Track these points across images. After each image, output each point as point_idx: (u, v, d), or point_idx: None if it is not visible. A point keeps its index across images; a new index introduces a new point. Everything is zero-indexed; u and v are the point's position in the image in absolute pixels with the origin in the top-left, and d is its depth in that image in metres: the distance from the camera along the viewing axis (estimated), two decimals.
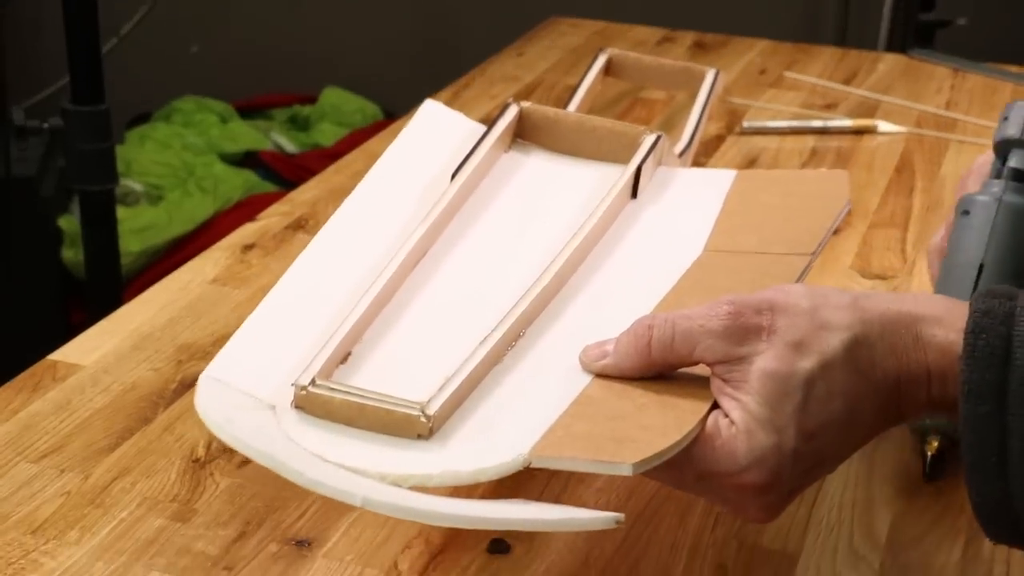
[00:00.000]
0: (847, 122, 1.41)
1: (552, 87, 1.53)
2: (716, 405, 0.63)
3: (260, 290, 1.03)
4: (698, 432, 0.62)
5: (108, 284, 1.85)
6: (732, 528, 0.78)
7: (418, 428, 0.62)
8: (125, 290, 1.96)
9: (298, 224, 1.15)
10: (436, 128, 0.88)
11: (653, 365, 0.65)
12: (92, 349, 0.94)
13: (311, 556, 0.74)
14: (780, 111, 1.46)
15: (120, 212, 2.03)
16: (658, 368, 0.65)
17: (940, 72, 1.62)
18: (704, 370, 0.64)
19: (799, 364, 0.61)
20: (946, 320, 0.62)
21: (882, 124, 1.41)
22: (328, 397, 0.63)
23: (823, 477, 0.65)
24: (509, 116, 0.86)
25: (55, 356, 0.93)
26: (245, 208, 2.34)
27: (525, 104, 0.88)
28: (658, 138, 0.85)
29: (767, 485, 0.62)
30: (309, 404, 0.64)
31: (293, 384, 0.64)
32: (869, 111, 1.48)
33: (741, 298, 0.63)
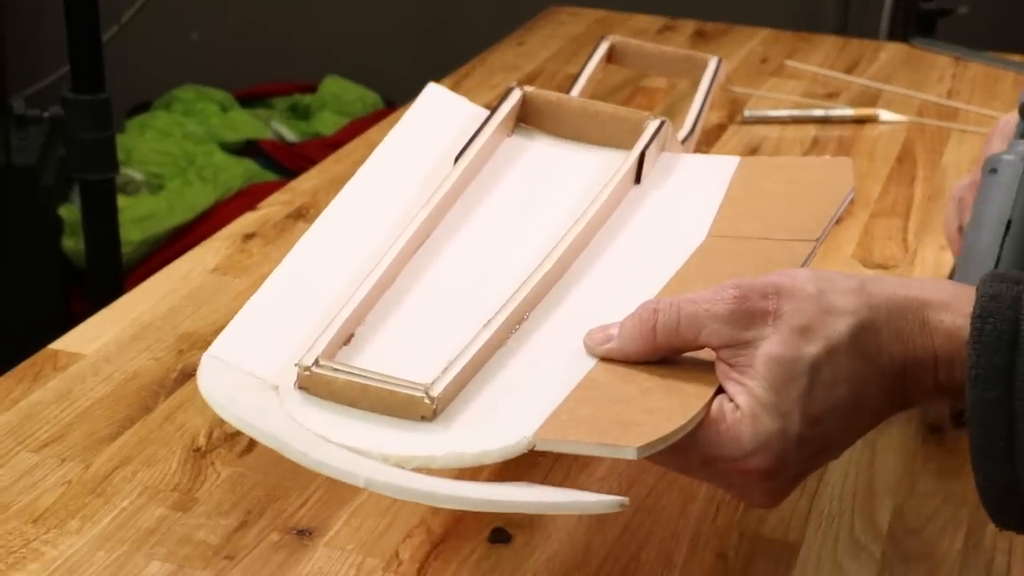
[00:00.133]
0: (848, 111, 1.40)
1: (553, 76, 1.53)
2: (721, 389, 0.63)
3: (261, 279, 1.02)
4: (703, 416, 0.62)
5: (109, 273, 1.85)
6: (734, 517, 0.78)
7: (422, 409, 0.62)
8: (126, 279, 1.95)
9: (299, 213, 1.15)
10: (439, 112, 0.88)
11: (658, 349, 0.64)
12: (93, 338, 0.93)
13: (312, 545, 0.74)
14: (781, 100, 1.46)
15: (121, 201, 2.03)
16: (663, 352, 0.65)
17: (941, 61, 1.62)
18: (709, 354, 0.64)
19: (805, 349, 0.61)
20: (953, 305, 0.62)
21: (883, 113, 1.40)
22: (331, 378, 0.63)
23: (828, 463, 0.65)
24: (512, 100, 0.86)
25: (56, 345, 0.92)
26: (246, 197, 2.34)
27: (528, 88, 0.87)
28: (662, 123, 0.84)
29: (772, 470, 0.61)
30: (312, 384, 0.64)
31: (296, 364, 0.64)
32: (870, 100, 1.47)
33: (747, 282, 0.63)
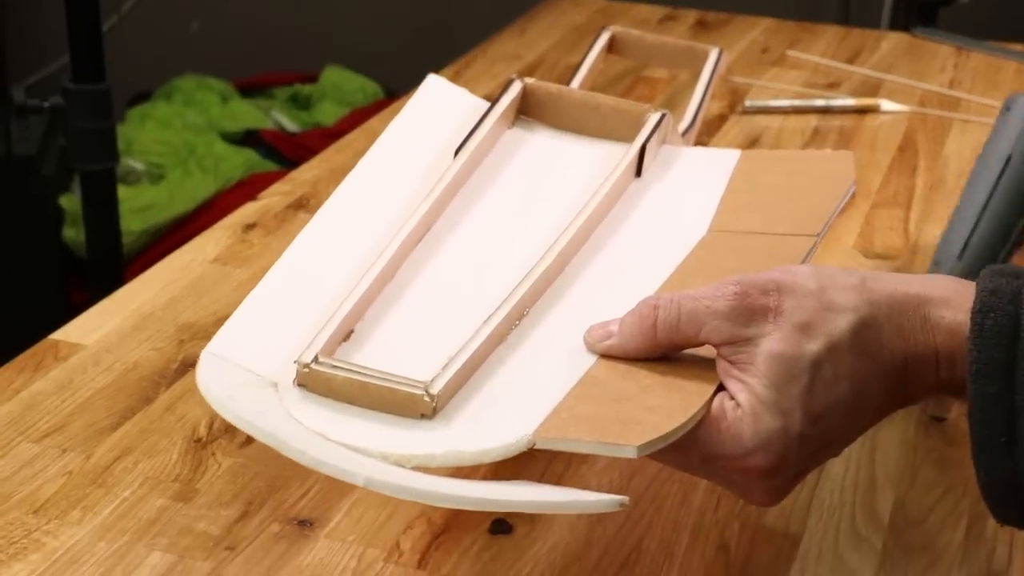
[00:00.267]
0: (850, 101, 1.40)
1: (554, 66, 1.53)
2: (722, 387, 0.63)
3: (261, 270, 1.02)
4: (704, 414, 0.61)
5: (109, 263, 1.84)
6: (735, 508, 0.78)
7: (421, 407, 0.62)
8: (126, 269, 1.95)
9: (299, 203, 1.14)
10: (439, 104, 0.87)
11: (658, 346, 0.64)
12: (94, 329, 0.93)
13: (313, 536, 0.74)
14: (783, 90, 1.46)
15: (121, 191, 2.02)
16: (663, 349, 0.64)
17: (943, 51, 1.62)
18: (710, 351, 0.64)
19: (806, 346, 0.61)
20: (954, 301, 0.62)
21: (885, 103, 1.40)
22: (330, 375, 0.63)
23: (828, 460, 0.65)
24: (513, 92, 0.86)
25: (57, 336, 0.92)
26: (246, 187, 2.33)
27: (529, 80, 0.87)
28: (663, 116, 0.84)
29: (773, 468, 0.61)
30: (311, 382, 0.63)
31: (295, 361, 0.64)
32: (872, 90, 1.47)
33: (747, 278, 0.63)
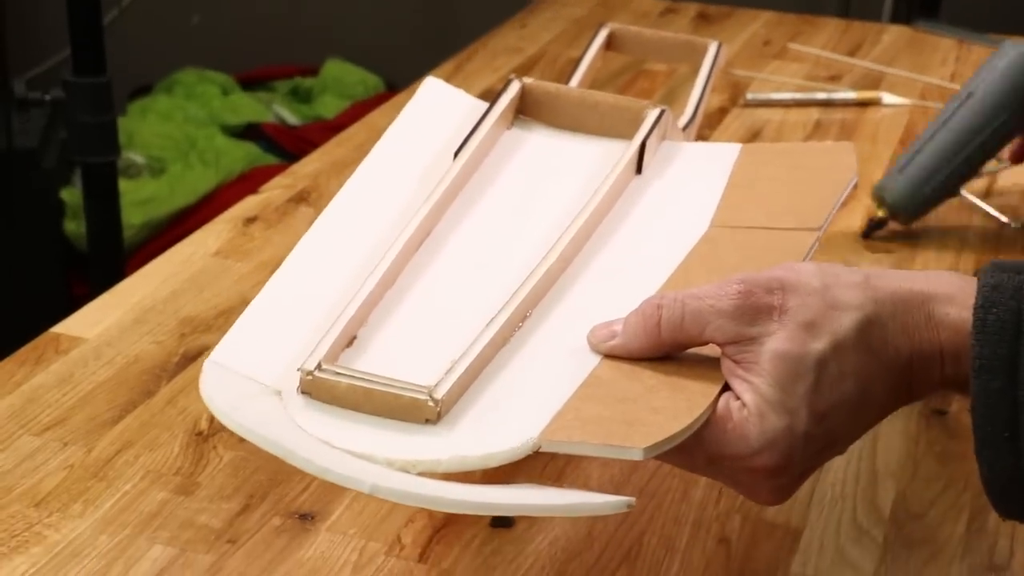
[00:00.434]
0: (851, 94, 1.40)
1: (555, 59, 1.52)
2: (727, 386, 0.62)
3: (262, 263, 1.03)
4: (709, 415, 0.61)
5: (110, 257, 1.84)
6: (736, 502, 0.78)
7: (426, 413, 0.62)
8: (127, 263, 1.95)
9: (300, 197, 1.14)
10: (437, 106, 0.87)
11: (662, 346, 0.64)
12: (95, 322, 0.93)
13: (314, 530, 0.74)
14: (784, 83, 1.46)
15: (122, 184, 2.02)
16: (667, 348, 0.64)
17: (945, 44, 1.62)
18: (714, 351, 0.63)
19: (811, 345, 0.60)
20: (958, 298, 0.61)
21: (886, 96, 1.40)
22: (334, 382, 0.63)
23: (833, 458, 0.65)
24: (511, 92, 0.86)
25: (58, 329, 0.92)
26: (247, 180, 2.33)
27: (527, 80, 0.87)
28: (662, 112, 0.84)
29: (779, 468, 0.61)
30: (315, 389, 0.63)
31: (299, 369, 0.64)
32: (873, 83, 1.47)
33: (751, 277, 0.62)
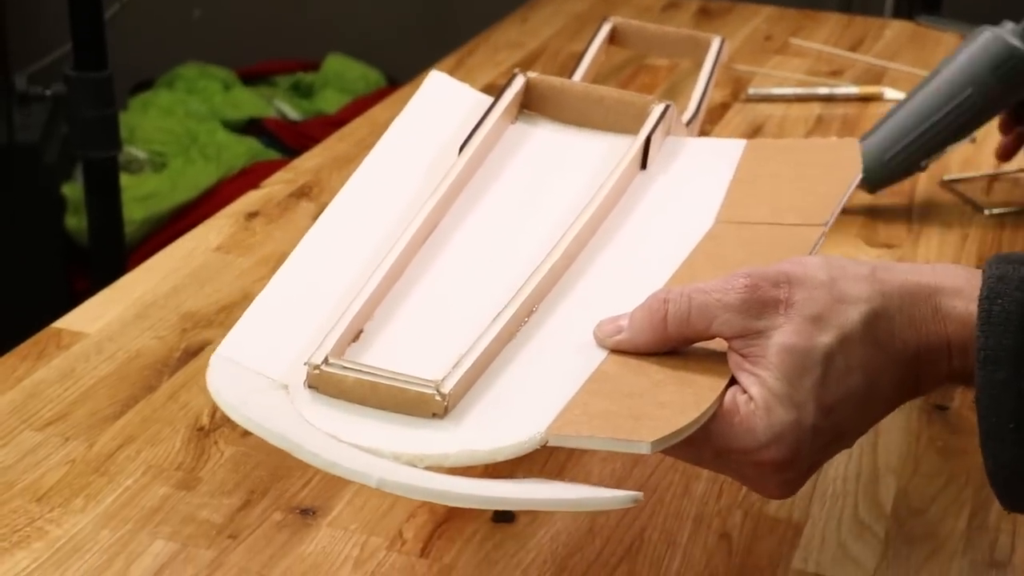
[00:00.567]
0: (853, 89, 1.40)
1: (556, 54, 1.52)
2: (733, 380, 0.62)
3: (264, 258, 1.03)
4: (716, 409, 0.61)
5: (112, 252, 1.84)
6: (737, 497, 0.78)
7: (433, 407, 0.62)
8: (129, 258, 1.95)
9: (302, 192, 1.14)
10: (442, 100, 0.87)
11: (669, 340, 0.64)
12: (96, 317, 0.93)
13: (315, 525, 0.74)
14: (786, 78, 1.46)
15: (123, 179, 2.02)
16: (674, 343, 0.64)
17: (947, 39, 1.62)
18: (720, 345, 0.63)
19: (818, 338, 0.60)
20: (965, 291, 0.61)
21: (888, 91, 1.40)
22: (341, 376, 0.63)
23: (840, 452, 0.65)
24: (515, 87, 0.85)
25: (59, 324, 0.92)
26: (249, 176, 2.33)
27: (531, 74, 0.87)
28: (667, 108, 0.84)
29: (786, 461, 0.61)
30: (322, 383, 0.63)
31: (305, 363, 0.64)
32: (875, 78, 1.47)
33: (758, 271, 0.62)
